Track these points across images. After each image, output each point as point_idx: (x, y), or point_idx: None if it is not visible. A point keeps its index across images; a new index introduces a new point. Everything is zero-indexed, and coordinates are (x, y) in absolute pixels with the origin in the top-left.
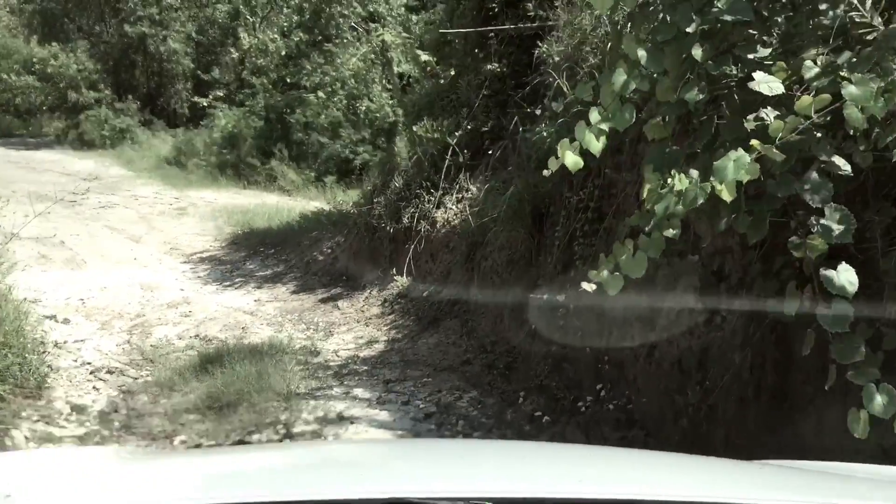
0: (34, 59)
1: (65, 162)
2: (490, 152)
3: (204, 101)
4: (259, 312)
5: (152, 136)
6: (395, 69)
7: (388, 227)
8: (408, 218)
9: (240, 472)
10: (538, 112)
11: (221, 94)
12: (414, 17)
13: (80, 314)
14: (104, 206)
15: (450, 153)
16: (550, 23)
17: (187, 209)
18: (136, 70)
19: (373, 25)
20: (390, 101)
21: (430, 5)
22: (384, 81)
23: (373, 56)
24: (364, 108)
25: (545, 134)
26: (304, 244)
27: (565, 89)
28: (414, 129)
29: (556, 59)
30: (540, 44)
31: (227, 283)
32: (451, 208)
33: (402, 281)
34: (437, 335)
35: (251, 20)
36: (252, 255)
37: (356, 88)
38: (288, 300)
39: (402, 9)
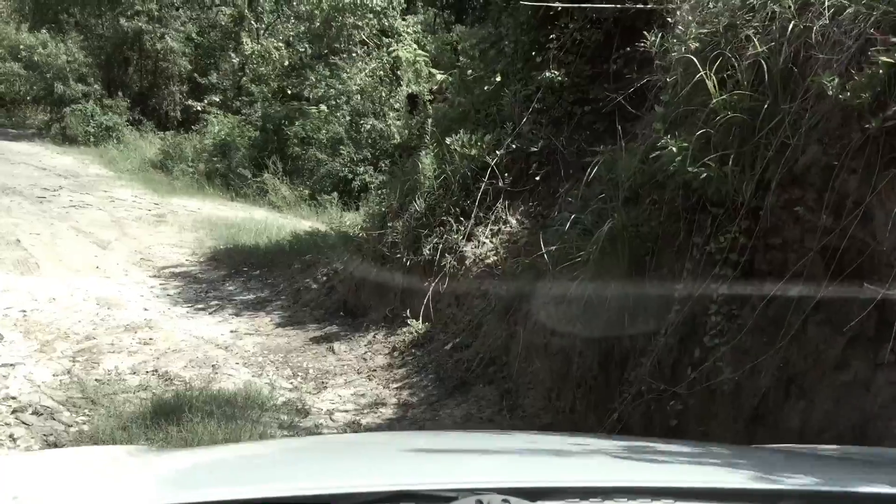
0: (21, 46)
1: (42, 156)
2: (537, 178)
3: (198, 106)
4: (235, 347)
5: (140, 137)
6: (405, 88)
7: (403, 258)
8: (429, 249)
9: (244, 467)
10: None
11: (217, 100)
12: (430, 37)
13: (17, 329)
14: (75, 205)
15: (487, 175)
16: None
17: (166, 217)
18: (130, 67)
19: (386, 41)
20: (398, 122)
21: (445, 24)
22: (391, 101)
23: (381, 73)
24: (369, 125)
25: (673, 150)
26: (295, 268)
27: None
28: (447, 142)
29: (675, 53)
30: (647, 37)
31: (201, 307)
32: (484, 242)
33: (417, 325)
34: (465, 405)
35: (255, 26)
36: (233, 274)
37: (362, 105)
38: (271, 334)
39: (419, 26)
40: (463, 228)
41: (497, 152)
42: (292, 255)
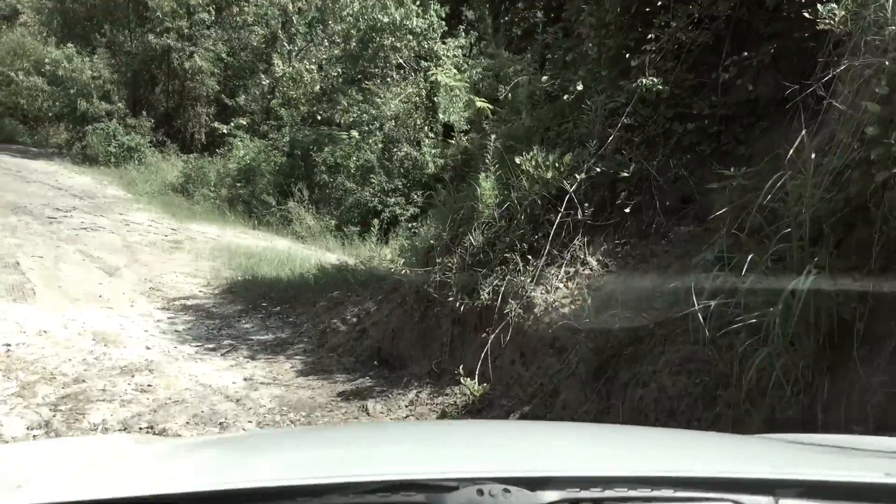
0: (46, 60)
1: (60, 175)
2: (626, 209)
3: (224, 128)
4: (248, 400)
5: (163, 159)
6: (441, 117)
7: (454, 302)
8: (488, 293)
9: (251, 456)
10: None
11: (244, 123)
12: (470, 62)
13: None
14: (86, 227)
15: (563, 205)
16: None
17: (183, 243)
18: (157, 86)
19: (424, 65)
20: (433, 151)
21: (484, 48)
22: (427, 128)
23: (417, 99)
24: (402, 153)
25: None
26: (321, 306)
27: None
28: (516, 161)
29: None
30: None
31: (211, 346)
32: (558, 287)
33: (471, 385)
34: None
35: (288, 48)
36: (251, 310)
37: (396, 131)
38: (292, 385)
39: (459, 51)
40: (531, 269)
41: (577, 176)
42: (318, 291)
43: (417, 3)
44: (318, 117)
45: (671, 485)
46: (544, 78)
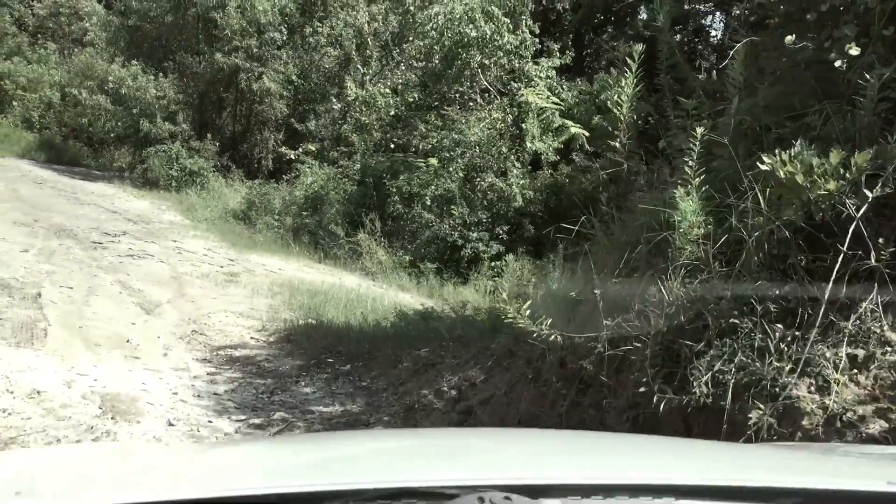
0: (109, 78)
1: (116, 198)
2: None
3: (292, 154)
4: None
5: (226, 184)
6: (528, 145)
7: (645, 393)
8: (705, 382)
9: (246, 464)
10: None
11: (313, 149)
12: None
13: None
14: (133, 255)
15: (846, 241)
16: None
17: (239, 276)
18: (224, 109)
19: (515, 86)
20: (521, 181)
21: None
22: (514, 156)
23: (502, 125)
24: (486, 183)
25: None
26: (405, 368)
27: None
28: (765, 160)
29: None
30: None
31: (258, 422)
32: (841, 380)
33: None
34: None
35: (362, 71)
36: (313, 367)
37: (480, 158)
38: None
39: (553, 71)
40: (785, 346)
41: (866, 192)
42: (399, 345)
43: (508, 17)
44: (392, 144)
45: (673, 493)
46: (789, 38)
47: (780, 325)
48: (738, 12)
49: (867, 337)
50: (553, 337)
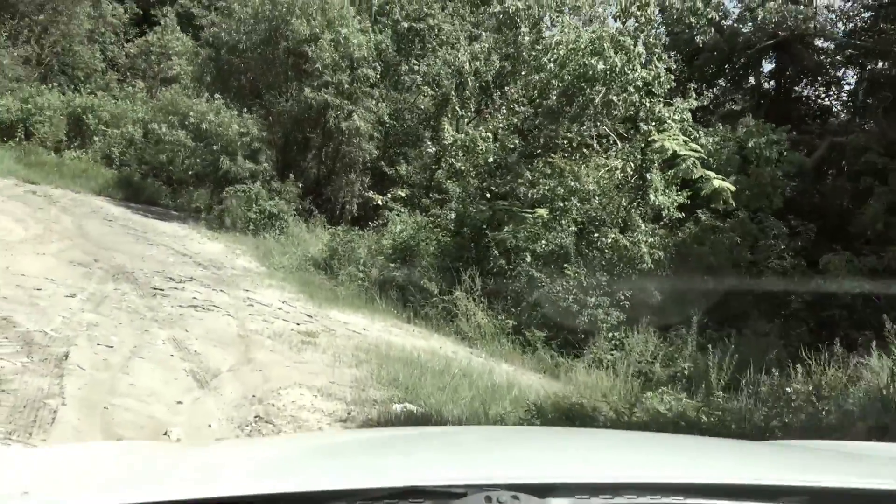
0: (190, 113)
1: (189, 239)
2: None
3: (379, 199)
4: None
5: (307, 229)
6: (651, 198)
7: None
8: None
9: (251, 463)
10: None
11: (403, 195)
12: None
13: None
14: (196, 306)
15: None
16: None
17: (318, 337)
18: (309, 149)
19: (644, 128)
20: (650, 239)
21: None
22: (633, 211)
23: (620, 174)
24: (609, 239)
25: None
26: None
27: None
28: None
29: None
30: None
31: None
32: None
33: None
34: None
35: (459, 113)
36: None
37: (601, 209)
38: None
39: (687, 113)
40: None
41: None
42: None
43: (638, 48)
44: (488, 193)
45: (680, 492)
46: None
47: None
48: (872, 66)
49: None
50: None
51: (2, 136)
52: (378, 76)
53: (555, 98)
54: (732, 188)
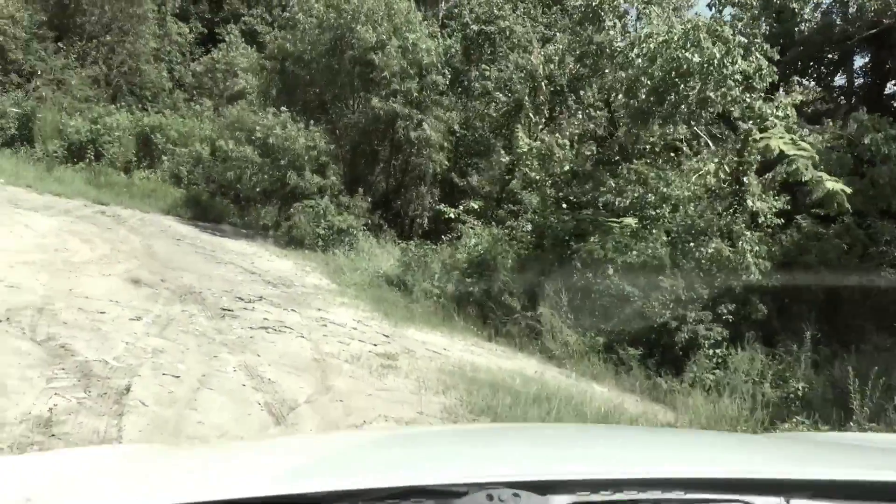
0: (257, 127)
1: (258, 258)
2: None
3: (452, 212)
4: None
5: (378, 244)
6: (749, 203)
7: None
8: None
9: (251, 465)
10: None
11: (476, 207)
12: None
13: None
14: (268, 327)
15: None
16: None
17: (398, 359)
18: (377, 162)
19: (744, 126)
20: (755, 248)
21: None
22: (733, 216)
23: (714, 180)
24: (711, 249)
25: None
26: None
27: None
28: None
29: None
30: None
31: None
32: None
33: None
34: None
35: (533, 119)
36: None
37: (698, 217)
38: None
39: (791, 109)
40: None
41: None
42: None
43: (738, 38)
44: (565, 204)
45: (681, 486)
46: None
47: None
48: None
49: None
50: None
51: (72, 158)
52: (447, 83)
53: (644, 96)
54: (848, 190)
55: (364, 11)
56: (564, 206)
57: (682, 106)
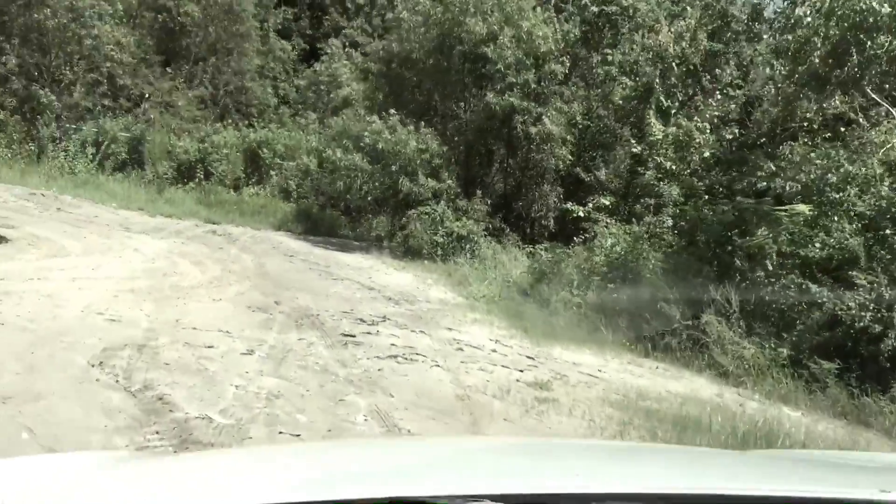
0: (365, 133)
1: (375, 271)
2: None
3: (581, 211)
4: None
5: (501, 250)
6: None
7: None
8: None
9: (236, 474)
10: None
11: (607, 203)
12: None
13: None
14: (397, 355)
15: None
16: None
17: (552, 389)
18: (493, 161)
19: None
20: None
21: None
22: None
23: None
24: None
25: None
26: None
27: None
28: None
29: None
30: None
31: None
32: None
33: None
34: None
35: (666, 104)
36: None
37: (893, 199)
38: None
39: None
40: None
41: None
42: None
43: None
44: (707, 195)
45: (666, 502)
46: None
47: None
48: None
49: None
50: None
51: (182, 178)
52: (566, 72)
53: (818, 60)
54: None
55: (472, 2)
56: (707, 196)
57: (870, 68)
